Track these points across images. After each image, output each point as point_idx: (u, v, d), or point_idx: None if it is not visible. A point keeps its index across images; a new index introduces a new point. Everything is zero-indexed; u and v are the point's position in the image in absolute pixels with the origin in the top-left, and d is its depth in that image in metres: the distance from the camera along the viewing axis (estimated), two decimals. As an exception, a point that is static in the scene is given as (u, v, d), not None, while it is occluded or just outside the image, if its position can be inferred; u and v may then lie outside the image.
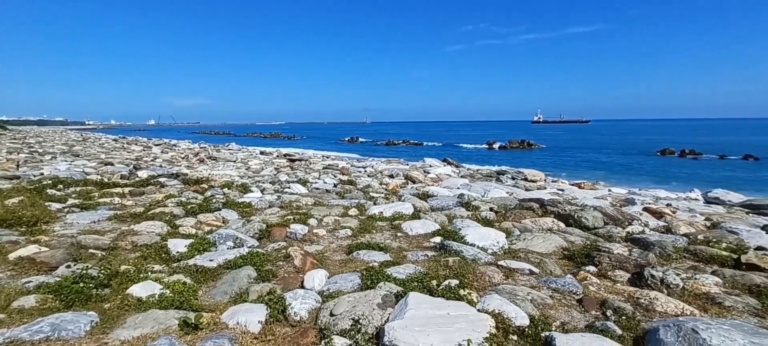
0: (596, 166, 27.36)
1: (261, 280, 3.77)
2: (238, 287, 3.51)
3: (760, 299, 3.60)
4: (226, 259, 4.25)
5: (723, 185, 14.95)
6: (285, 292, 3.33)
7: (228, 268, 4.06)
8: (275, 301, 3.06)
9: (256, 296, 3.28)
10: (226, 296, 3.43)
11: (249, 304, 3.13)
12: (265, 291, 3.34)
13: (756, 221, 8.13)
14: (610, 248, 5.08)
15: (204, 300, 3.43)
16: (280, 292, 3.34)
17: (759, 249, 5.34)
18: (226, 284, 3.61)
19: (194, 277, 3.84)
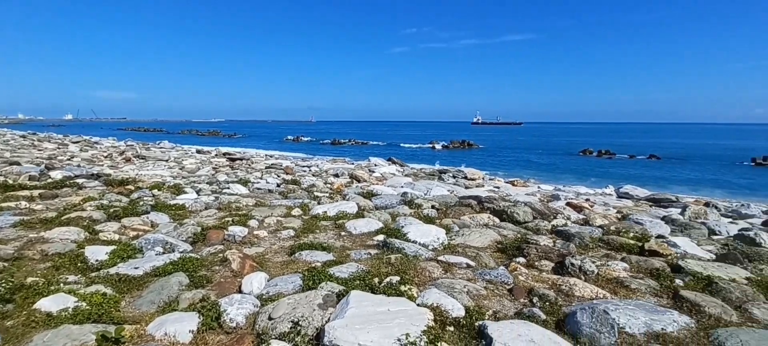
0: (528, 165, 29.48)
1: (194, 286, 3.55)
2: (168, 296, 3.27)
3: (659, 281, 4.13)
4: (154, 266, 3.94)
5: (632, 182, 16.90)
6: (220, 298, 3.17)
7: (156, 275, 3.77)
8: (209, 308, 2.90)
9: (188, 303, 3.09)
10: (153, 306, 3.18)
11: (179, 313, 2.93)
12: (198, 298, 3.16)
13: (657, 212, 9.28)
14: (538, 240, 5.52)
15: (127, 312, 3.16)
16: (215, 298, 3.18)
17: (659, 237, 6.12)
18: (154, 292, 3.35)
19: (116, 287, 3.51)
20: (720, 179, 22.23)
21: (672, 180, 21.38)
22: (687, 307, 3.46)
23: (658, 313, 3.19)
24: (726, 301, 3.60)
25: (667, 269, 4.44)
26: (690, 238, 6.29)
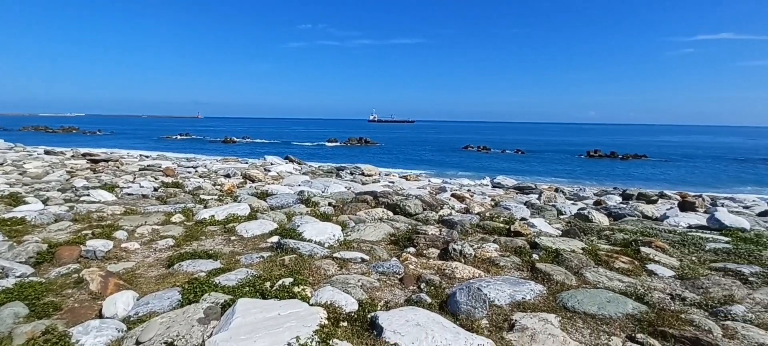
0: (420, 160, 31.62)
1: (36, 317, 2.92)
2: (-3, 333, 2.63)
3: (521, 257, 4.84)
4: (-28, 299, 3.12)
5: (503, 173, 19.47)
6: (72, 326, 2.67)
7: (-23, 310, 3.00)
8: (55, 341, 2.42)
9: (26, 339, 2.53)
10: (-27, 349, 2.53)
11: (13, 352, 2.39)
12: (40, 330, 2.61)
13: (521, 198, 10.85)
14: (426, 230, 5.96)
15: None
16: (64, 328, 2.67)
17: (522, 219, 7.15)
18: (-26, 332, 2.66)
19: None
20: (565, 168, 27.06)
21: (533, 170, 25.24)
22: (541, 277, 4.13)
23: (519, 285, 3.75)
24: (568, 269, 4.40)
25: (527, 247, 5.22)
26: (544, 218, 7.49)
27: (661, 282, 4.16)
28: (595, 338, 2.93)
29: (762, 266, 4.54)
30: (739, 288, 3.98)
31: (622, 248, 5.23)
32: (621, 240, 5.64)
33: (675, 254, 5.04)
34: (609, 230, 6.43)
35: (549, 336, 2.81)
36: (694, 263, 4.75)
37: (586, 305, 3.35)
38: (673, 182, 20.70)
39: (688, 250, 5.26)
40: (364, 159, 30.02)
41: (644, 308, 3.41)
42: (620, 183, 18.33)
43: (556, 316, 3.21)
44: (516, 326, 2.96)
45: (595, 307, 3.32)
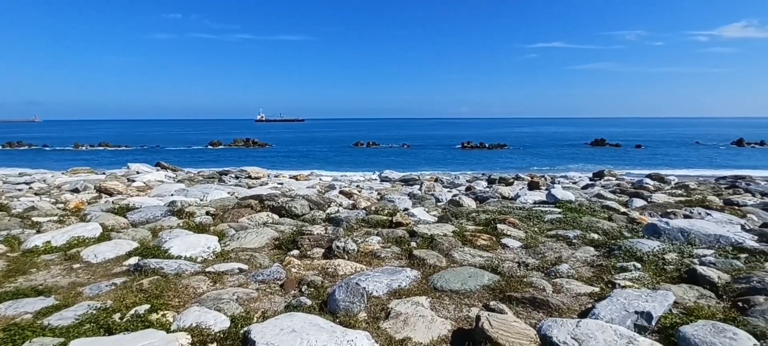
0: (313, 159, 31.23)
1: None
2: None
3: (401, 246, 5.14)
4: None
5: (391, 167, 20.50)
6: None
7: None
8: None
9: None
10: None
11: None
12: None
13: (406, 190, 11.55)
14: (312, 231, 5.90)
15: None
16: None
17: (405, 210, 7.62)
18: None
19: None
20: (445, 159, 29.87)
21: (417, 163, 27.19)
22: (416, 263, 4.46)
23: (396, 273, 3.98)
24: (440, 252, 4.85)
25: (407, 236, 5.58)
26: (424, 207, 8.11)
27: (512, 253, 4.89)
28: (458, 312, 3.29)
29: (582, 230, 5.69)
30: (565, 250, 4.92)
31: (483, 227, 5.98)
32: (484, 220, 6.45)
33: (523, 227, 5.97)
34: (475, 212, 7.28)
35: (420, 318, 3.04)
36: (535, 233, 5.71)
37: (452, 283, 3.74)
38: (526, 165, 24.67)
39: (532, 223, 6.29)
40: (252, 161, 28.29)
41: (497, 277, 3.95)
42: (487, 169, 21.05)
43: (427, 297, 3.50)
44: (391, 314, 3.13)
45: (459, 283, 3.73)
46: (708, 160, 29.93)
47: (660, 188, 10.96)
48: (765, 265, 4.09)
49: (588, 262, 4.52)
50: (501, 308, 3.21)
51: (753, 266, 4.06)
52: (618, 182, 13.05)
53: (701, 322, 2.84)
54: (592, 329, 2.62)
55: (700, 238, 4.91)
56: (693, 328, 2.74)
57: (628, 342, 2.52)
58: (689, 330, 2.73)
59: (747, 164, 25.96)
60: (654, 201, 8.44)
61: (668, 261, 4.29)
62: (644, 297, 3.15)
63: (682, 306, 3.28)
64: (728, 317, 3.05)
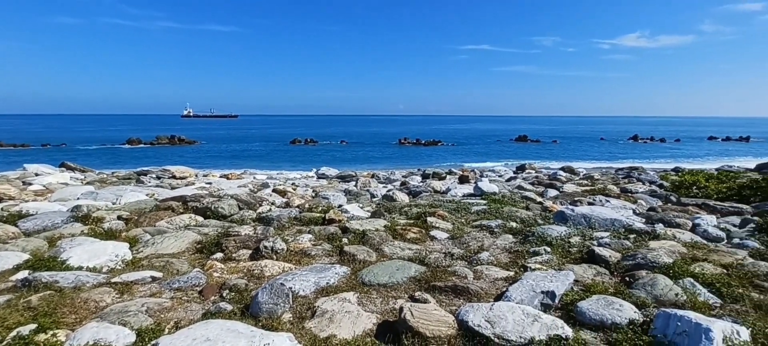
0: (248, 156, 29.76)
1: None
2: None
3: (332, 243, 5.10)
4: None
5: (329, 163, 20.30)
6: None
7: None
8: None
9: None
10: None
11: None
12: None
13: (342, 186, 11.51)
14: (239, 231, 5.62)
15: None
16: None
17: (338, 207, 7.58)
18: None
19: None
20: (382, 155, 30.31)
21: (354, 159, 27.22)
22: (347, 259, 4.46)
23: (325, 271, 3.94)
24: (371, 246, 4.89)
25: (339, 232, 5.55)
26: (358, 203, 8.14)
27: (439, 244, 5.10)
28: (385, 305, 3.35)
29: (503, 219, 6.11)
30: (488, 238, 5.24)
31: (415, 221, 6.16)
32: (415, 214, 6.64)
33: (451, 219, 6.25)
34: (408, 206, 7.48)
35: (346, 314, 3.04)
36: (462, 224, 6.02)
37: (380, 277, 3.79)
38: (458, 160, 25.95)
39: (460, 215, 6.62)
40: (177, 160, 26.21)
41: (424, 268, 4.09)
42: (422, 165, 21.75)
43: (355, 293, 3.51)
44: (317, 312, 3.09)
45: (387, 277, 3.80)
46: (610, 153, 33.94)
47: (570, 179, 12.18)
48: (649, 243, 4.73)
49: (506, 249, 4.87)
50: (425, 298, 3.33)
51: (639, 245, 4.67)
52: (537, 175, 14.25)
53: (595, 296, 3.20)
54: (504, 311, 2.83)
55: (599, 222, 5.54)
56: (588, 302, 3.09)
57: (534, 320, 2.75)
58: (585, 305, 3.06)
59: (640, 157, 29.91)
60: (565, 191, 9.35)
61: (573, 244, 4.77)
62: (550, 278, 3.47)
63: (582, 283, 3.67)
64: (618, 291, 3.47)
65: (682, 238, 5.01)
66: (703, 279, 3.54)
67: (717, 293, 3.37)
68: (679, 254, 4.26)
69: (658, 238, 4.97)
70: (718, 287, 3.42)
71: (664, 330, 2.65)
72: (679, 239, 4.93)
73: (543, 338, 2.59)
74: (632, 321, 2.87)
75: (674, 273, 3.66)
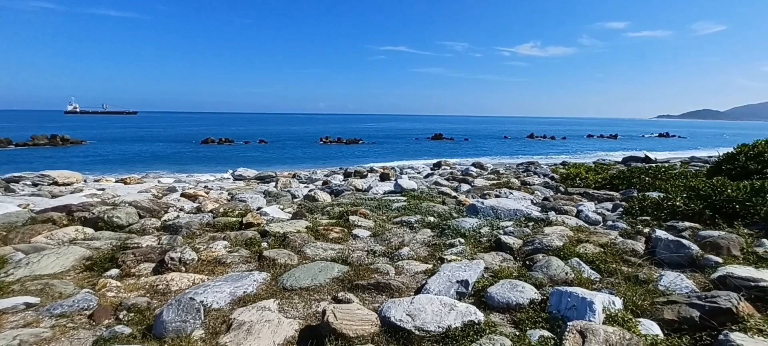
0: (149, 158, 26.66)
1: None
2: None
3: (250, 248, 4.83)
4: None
5: (247, 164, 19.18)
6: None
7: None
8: None
9: None
10: None
11: None
12: None
13: (261, 188, 10.98)
14: (140, 243, 5.03)
15: None
16: None
17: (257, 209, 7.21)
18: None
19: None
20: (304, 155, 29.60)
21: (275, 159, 26.15)
22: (266, 264, 4.26)
23: (242, 279, 3.72)
24: (292, 249, 4.75)
25: (258, 236, 5.29)
26: (279, 204, 7.85)
27: (362, 242, 5.15)
28: (308, 309, 3.28)
29: (421, 215, 6.40)
30: (408, 234, 5.44)
31: (337, 220, 6.13)
32: (337, 213, 6.61)
33: (373, 217, 6.36)
34: (330, 206, 7.42)
35: (266, 323, 2.91)
36: (383, 221, 6.16)
37: (302, 281, 3.70)
38: (379, 159, 26.49)
39: (381, 212, 6.77)
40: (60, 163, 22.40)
41: (347, 268, 4.10)
42: (344, 163, 21.72)
43: (276, 300, 3.37)
44: (233, 325, 2.90)
45: (309, 280, 3.72)
46: (512, 150, 37.68)
47: (480, 174, 13.24)
48: (544, 229, 5.36)
49: (425, 243, 5.11)
50: (348, 298, 3.34)
51: (537, 232, 5.26)
52: (451, 171, 15.21)
53: (502, 281, 3.52)
54: (423, 303, 2.96)
55: (504, 213, 6.11)
56: (496, 287, 3.39)
57: (450, 309, 2.93)
58: (493, 290, 3.35)
59: (536, 152, 33.74)
60: (476, 185, 10.13)
61: (483, 234, 5.20)
62: (464, 268, 3.73)
63: (491, 270, 4.02)
64: (521, 274, 3.87)
65: (569, 223, 5.77)
66: (586, 258, 4.12)
67: (597, 269, 3.95)
68: (568, 238, 4.90)
69: (551, 224, 5.65)
70: (597, 264, 4.01)
71: (557, 306, 3.02)
72: (567, 224, 5.67)
73: (458, 325, 2.77)
74: (533, 301, 3.22)
75: (564, 254, 4.20)
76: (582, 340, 2.45)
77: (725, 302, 2.86)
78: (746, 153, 9.67)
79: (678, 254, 4.07)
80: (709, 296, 3.00)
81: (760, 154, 9.23)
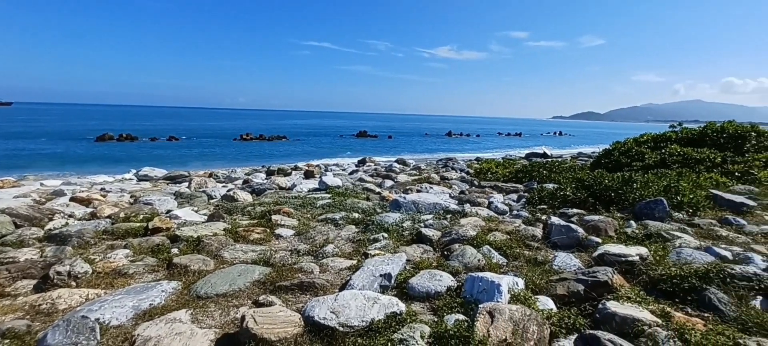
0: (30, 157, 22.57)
1: None
2: None
3: (158, 256, 4.40)
4: None
5: (154, 163, 17.30)
6: None
7: None
8: None
9: None
10: None
11: None
12: None
13: (172, 189, 10.03)
14: (17, 257, 4.28)
15: None
16: None
17: (167, 213, 6.58)
18: None
19: None
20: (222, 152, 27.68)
21: (188, 158, 24.01)
22: (178, 272, 3.93)
23: (148, 290, 3.38)
24: (208, 254, 4.44)
25: (167, 242, 4.84)
26: (193, 206, 7.26)
27: (285, 242, 5.02)
28: (225, 316, 3.10)
29: (346, 211, 6.43)
30: (332, 231, 5.44)
31: (259, 220, 5.88)
32: (259, 213, 6.34)
33: (297, 215, 6.22)
34: (251, 205, 7.08)
35: (176, 336, 2.68)
36: (308, 219, 6.06)
37: (218, 287, 3.49)
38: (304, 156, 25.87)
39: (306, 210, 6.65)
40: None
41: (269, 269, 3.97)
42: (266, 161, 20.77)
43: (188, 310, 3.13)
44: (137, 342, 2.62)
45: (227, 285, 3.52)
46: (433, 147, 39.63)
47: (403, 170, 13.72)
48: (460, 221, 5.75)
49: (350, 239, 5.15)
50: (270, 301, 3.24)
51: (454, 223, 5.63)
52: (376, 167, 15.50)
53: (422, 272, 3.71)
54: (347, 299, 3.00)
55: (425, 207, 6.43)
56: (417, 278, 3.56)
57: (374, 302, 3.01)
58: (414, 280, 3.52)
59: (454, 149, 35.97)
60: (399, 181, 10.47)
61: (405, 228, 5.41)
62: (387, 261, 3.85)
63: (413, 262, 4.21)
64: (439, 264, 4.11)
65: (482, 214, 6.28)
66: (495, 245, 4.53)
67: (504, 254, 4.37)
68: (480, 227, 5.33)
69: (467, 216, 6.10)
70: (504, 250, 4.44)
71: (471, 291, 3.29)
72: (480, 215, 6.17)
73: (382, 318, 2.86)
74: (450, 288, 3.46)
75: (477, 243, 4.57)
76: (491, 319, 2.70)
77: (603, 276, 3.38)
78: (619, 149, 11.45)
79: (568, 237, 4.69)
80: (591, 272, 3.51)
81: (629, 150, 11.02)
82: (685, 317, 2.91)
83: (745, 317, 2.87)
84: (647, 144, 11.46)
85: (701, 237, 4.88)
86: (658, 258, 3.90)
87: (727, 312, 2.97)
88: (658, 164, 9.61)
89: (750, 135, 10.66)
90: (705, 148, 10.25)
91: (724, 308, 3.01)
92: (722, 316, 2.95)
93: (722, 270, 3.41)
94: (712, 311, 3.01)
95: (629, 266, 3.80)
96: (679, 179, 7.39)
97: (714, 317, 2.95)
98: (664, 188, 6.43)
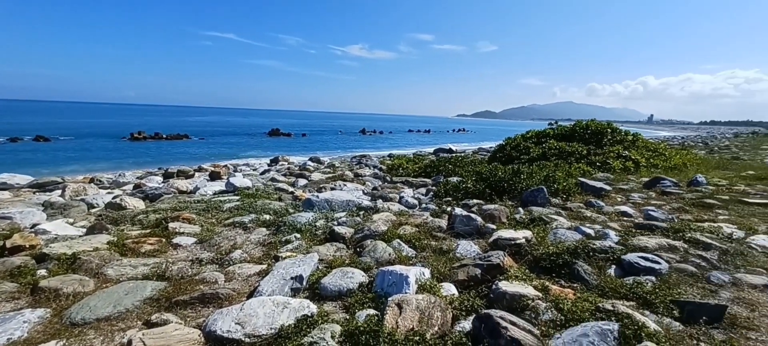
0: None
1: None
2: None
3: (19, 280, 3.68)
4: None
5: (15, 169, 14.33)
6: None
7: None
8: None
9: None
10: None
11: None
12: None
13: (40, 199, 8.45)
14: None
15: None
16: None
17: (32, 227, 5.53)
18: None
19: None
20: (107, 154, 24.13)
21: (63, 161, 20.43)
22: (46, 297, 3.33)
23: (3, 323, 2.81)
24: (86, 272, 3.85)
25: (31, 263, 4.07)
26: (68, 218, 6.23)
27: (185, 251, 4.59)
28: (108, 343, 2.73)
29: (256, 213, 6.12)
30: (240, 235, 5.13)
31: (152, 230, 5.28)
32: (153, 221, 5.69)
33: (199, 221, 5.73)
34: (144, 213, 6.31)
35: (43, 371, 2.28)
36: (212, 224, 5.63)
37: (99, 310, 3.05)
38: (209, 156, 23.88)
39: (210, 214, 6.16)
40: None
41: (164, 284, 3.59)
42: (164, 163, 18.67)
43: (59, 341, 2.68)
44: (-13, 386, 2.17)
45: (111, 307, 3.10)
46: (347, 144, 39.87)
47: (317, 168, 13.54)
48: (373, 217, 5.89)
49: (260, 242, 4.92)
50: (165, 319, 2.94)
51: (366, 219, 5.75)
52: (289, 166, 15.03)
53: (335, 270, 3.72)
54: (254, 307, 2.87)
55: (338, 204, 6.44)
56: (329, 277, 3.56)
57: (284, 307, 2.93)
58: (327, 280, 3.51)
59: (367, 146, 36.66)
60: (312, 179, 10.31)
61: (318, 227, 5.35)
62: (298, 263, 3.77)
63: (326, 261, 4.19)
64: (352, 261, 4.16)
65: (393, 209, 6.52)
66: (405, 238, 4.75)
67: (413, 246, 4.60)
68: (391, 222, 5.53)
69: (379, 211, 6.27)
70: (414, 243, 4.67)
71: (381, 285, 3.39)
72: (392, 210, 6.40)
73: (292, 323, 2.79)
74: (362, 284, 3.52)
75: (388, 237, 4.73)
76: (399, 311, 2.83)
77: (496, 259, 3.77)
78: (510, 145, 12.86)
79: (469, 226, 5.12)
80: (486, 256, 3.89)
81: (518, 145, 12.45)
82: (559, 288, 3.40)
83: (603, 284, 3.46)
84: (532, 140, 13.09)
85: (572, 218, 5.75)
86: (540, 239, 4.49)
87: (590, 281, 3.55)
88: (540, 157, 11.05)
89: (607, 131, 12.86)
90: (575, 143, 12.09)
91: (589, 277, 3.59)
92: (587, 285, 3.51)
93: (587, 246, 4.07)
94: (580, 282, 3.57)
95: (517, 248, 4.30)
96: (556, 169, 8.59)
97: (581, 286, 3.50)
98: (545, 177, 7.41)
